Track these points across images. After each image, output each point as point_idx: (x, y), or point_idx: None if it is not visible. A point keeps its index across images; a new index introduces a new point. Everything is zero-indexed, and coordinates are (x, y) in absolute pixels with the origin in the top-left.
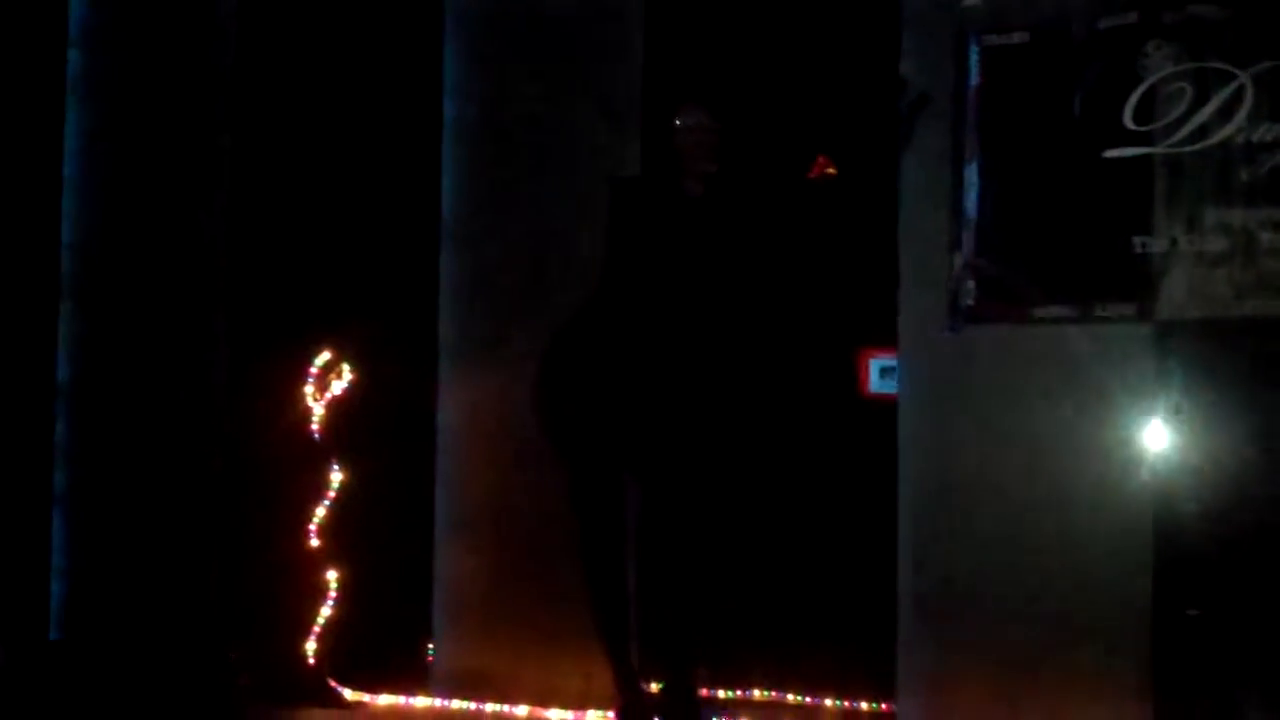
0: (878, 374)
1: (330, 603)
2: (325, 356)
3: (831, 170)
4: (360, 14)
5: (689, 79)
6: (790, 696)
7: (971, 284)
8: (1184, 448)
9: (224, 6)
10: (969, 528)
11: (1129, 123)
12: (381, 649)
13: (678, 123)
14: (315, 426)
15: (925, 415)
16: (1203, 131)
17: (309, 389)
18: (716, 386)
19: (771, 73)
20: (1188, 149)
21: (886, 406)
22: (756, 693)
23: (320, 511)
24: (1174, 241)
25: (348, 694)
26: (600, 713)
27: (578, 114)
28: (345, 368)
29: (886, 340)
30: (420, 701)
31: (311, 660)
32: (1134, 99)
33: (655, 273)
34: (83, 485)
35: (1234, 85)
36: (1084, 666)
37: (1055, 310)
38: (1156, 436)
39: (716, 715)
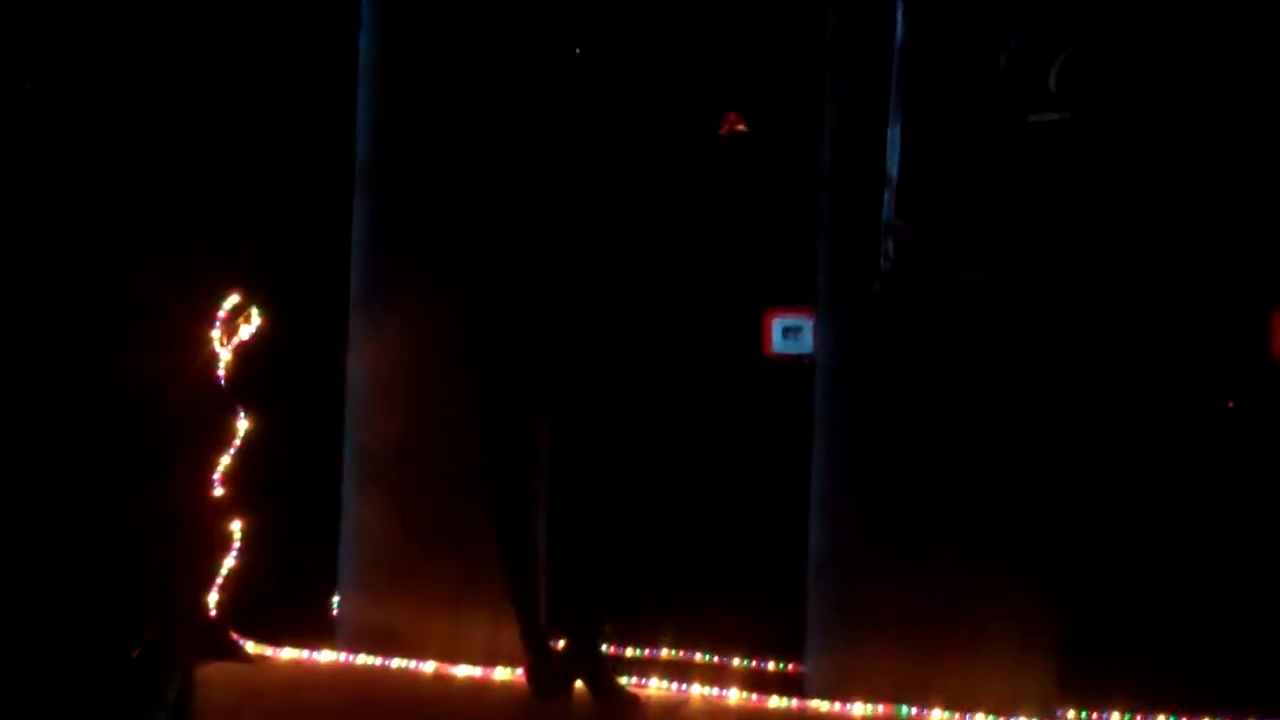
0: (780, 334)
1: (233, 554)
2: (233, 300)
3: (742, 127)
4: None
5: (606, 21)
6: (698, 655)
7: (891, 245)
8: (1095, 408)
9: None
10: (882, 485)
11: (1053, 87)
12: (286, 602)
13: (577, 54)
14: (221, 373)
15: (841, 375)
16: None
17: (215, 334)
18: (624, 329)
19: (694, 24)
20: None
21: (789, 366)
22: (664, 651)
23: (225, 460)
24: None
25: (250, 647)
26: (508, 669)
27: (495, 56)
28: (254, 312)
29: (790, 300)
30: (325, 656)
31: (213, 612)
32: (1059, 63)
33: (564, 208)
34: None
35: None
36: (993, 624)
37: (974, 274)
38: (1069, 397)
39: (623, 673)
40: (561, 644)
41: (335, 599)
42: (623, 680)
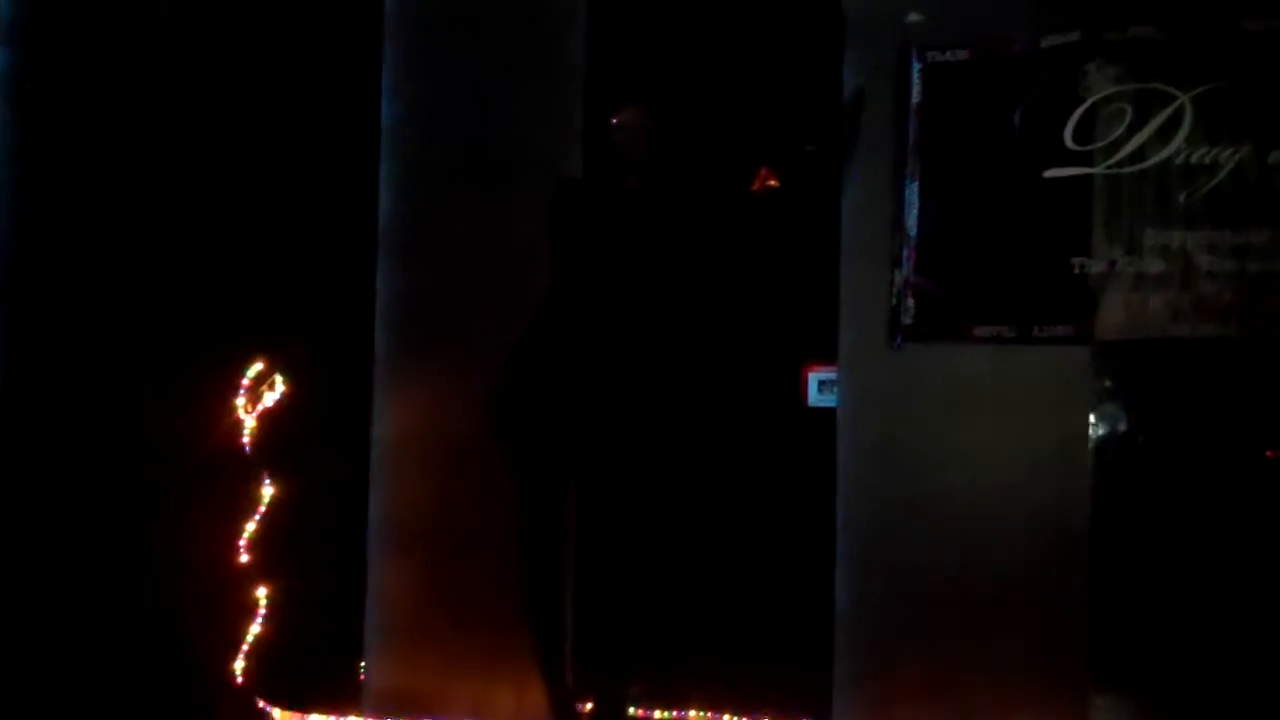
0: (815, 388)
1: (260, 619)
2: (257, 367)
3: (774, 182)
4: (298, 19)
5: (630, 86)
6: (726, 717)
7: (911, 302)
8: (1120, 465)
9: (159, 9)
10: (905, 543)
11: (1069, 142)
12: (312, 667)
13: (613, 121)
14: (246, 439)
15: (864, 431)
16: (1142, 153)
17: (240, 401)
18: (656, 386)
19: (714, 84)
20: (1127, 170)
21: (826, 415)
22: (692, 713)
23: (250, 526)
24: (1112, 263)
25: (277, 714)
26: None
27: (518, 122)
28: (278, 379)
29: (825, 355)
30: None
31: (240, 679)
32: (1074, 119)
33: (596, 268)
34: (6, 494)
35: (1173, 107)
36: (1020, 682)
37: (994, 330)
38: (1093, 453)
39: None
40: (588, 706)
41: (362, 663)
42: None
